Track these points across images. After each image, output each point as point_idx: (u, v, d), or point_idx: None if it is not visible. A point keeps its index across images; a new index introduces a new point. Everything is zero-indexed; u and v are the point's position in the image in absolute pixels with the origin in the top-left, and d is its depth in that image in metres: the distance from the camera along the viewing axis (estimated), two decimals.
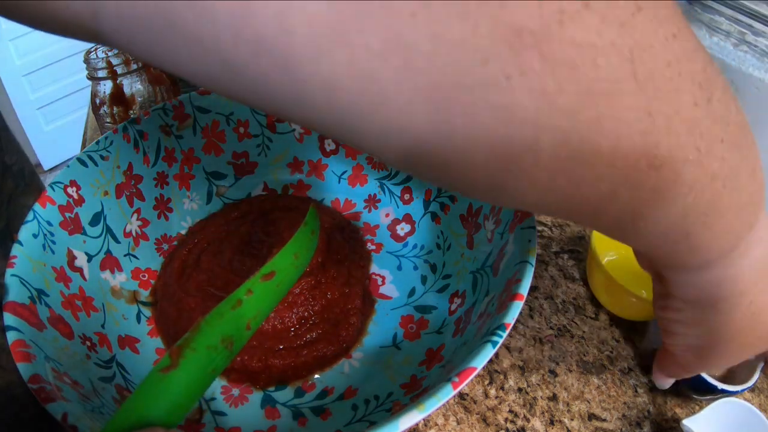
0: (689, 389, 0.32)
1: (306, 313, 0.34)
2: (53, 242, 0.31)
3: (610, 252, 0.39)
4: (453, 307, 0.34)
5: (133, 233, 0.38)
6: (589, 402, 0.33)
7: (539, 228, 0.45)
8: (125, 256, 0.37)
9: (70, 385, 0.24)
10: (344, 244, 0.38)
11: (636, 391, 0.33)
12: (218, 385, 0.32)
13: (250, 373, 0.31)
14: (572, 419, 0.32)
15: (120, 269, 0.37)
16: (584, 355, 0.35)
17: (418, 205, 0.42)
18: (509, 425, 0.31)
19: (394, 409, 0.29)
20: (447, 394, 0.21)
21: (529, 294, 0.34)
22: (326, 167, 0.46)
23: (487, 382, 0.33)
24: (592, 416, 0.32)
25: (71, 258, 0.32)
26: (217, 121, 0.43)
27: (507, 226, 0.31)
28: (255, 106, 0.16)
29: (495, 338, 0.23)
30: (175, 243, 0.41)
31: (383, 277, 0.39)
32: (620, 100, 0.14)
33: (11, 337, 0.24)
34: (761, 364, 0.30)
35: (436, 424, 0.31)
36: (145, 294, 0.37)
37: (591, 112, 0.14)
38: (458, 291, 0.35)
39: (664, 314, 0.25)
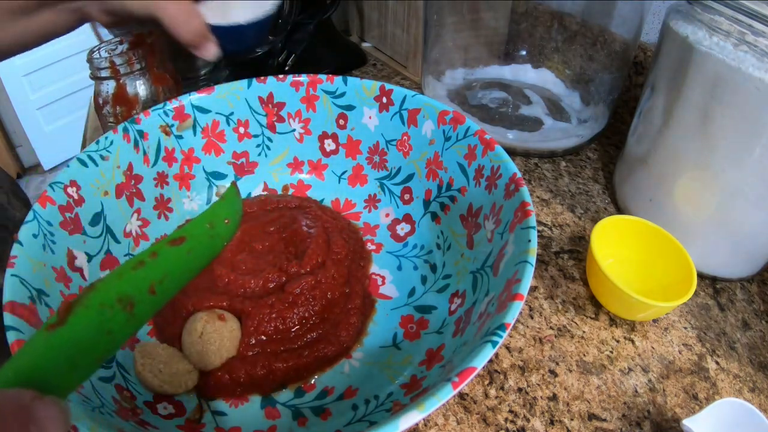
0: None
1: (306, 314, 0.34)
2: (53, 242, 0.31)
3: (608, 253, 0.39)
4: (453, 307, 0.34)
5: (133, 233, 0.38)
6: (589, 402, 0.33)
7: (539, 228, 0.45)
8: (125, 256, 0.37)
9: None
10: (344, 244, 0.38)
11: (636, 391, 0.33)
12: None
13: (256, 381, 0.31)
14: (572, 419, 0.32)
15: None
16: (584, 355, 0.35)
17: (418, 205, 0.42)
18: (509, 425, 0.31)
19: (394, 409, 0.29)
20: (447, 394, 0.21)
21: (529, 294, 0.34)
22: (326, 167, 0.46)
23: (487, 382, 0.33)
24: (592, 416, 0.32)
25: (71, 258, 0.32)
26: (217, 121, 0.43)
27: (507, 226, 0.31)
28: None
29: (495, 338, 0.23)
30: None
31: (383, 277, 0.39)
32: None
33: (11, 337, 0.24)
34: None
35: (436, 424, 0.31)
36: None
37: None
38: (458, 291, 0.35)
39: None
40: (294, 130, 0.45)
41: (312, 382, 0.32)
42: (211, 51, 0.38)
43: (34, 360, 0.18)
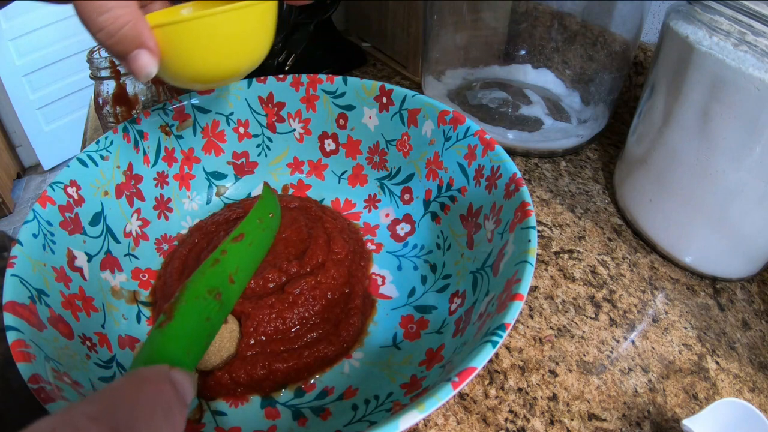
0: None
1: (306, 314, 0.34)
2: (53, 242, 0.31)
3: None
4: (453, 307, 0.34)
5: (133, 233, 0.38)
6: (589, 402, 0.33)
7: (539, 228, 0.45)
8: (125, 256, 0.37)
9: (70, 385, 0.24)
10: (344, 244, 0.38)
11: (636, 391, 0.33)
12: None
13: (256, 382, 0.31)
14: (572, 419, 0.32)
15: (120, 269, 0.37)
16: (584, 355, 0.35)
17: (418, 205, 0.42)
18: (509, 425, 0.31)
19: (394, 409, 0.29)
20: (447, 394, 0.21)
21: (529, 294, 0.34)
22: (326, 167, 0.46)
23: (487, 382, 0.33)
24: (592, 416, 0.32)
25: (71, 258, 0.32)
26: (217, 121, 0.43)
27: (507, 226, 0.31)
28: None
29: (495, 338, 0.23)
30: (175, 243, 0.41)
31: (383, 277, 0.39)
32: None
33: (11, 337, 0.24)
34: None
35: (436, 424, 0.31)
36: (145, 294, 0.37)
37: None
38: (458, 291, 0.35)
39: None
40: (294, 130, 0.45)
41: (312, 382, 0.32)
42: (140, 62, 0.25)
43: (156, 352, 0.23)
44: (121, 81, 0.44)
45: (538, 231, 0.44)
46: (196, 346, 0.25)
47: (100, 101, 0.45)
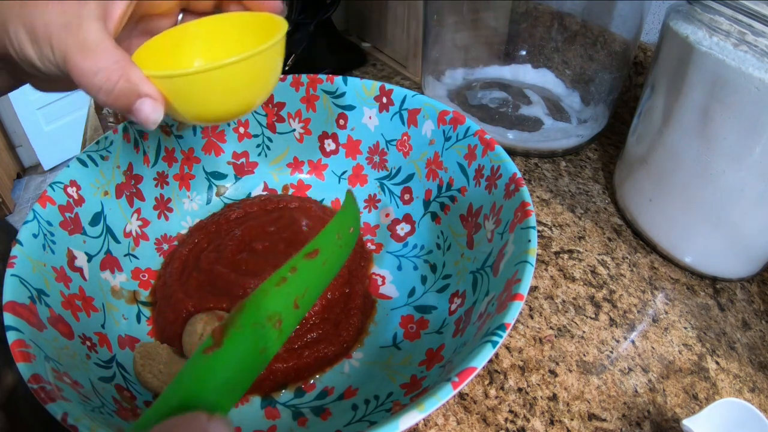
0: None
1: (306, 314, 0.34)
2: (53, 242, 0.31)
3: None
4: (453, 307, 0.34)
5: (133, 233, 0.38)
6: (589, 402, 0.33)
7: (539, 228, 0.45)
8: (125, 256, 0.37)
9: (70, 385, 0.24)
10: None
11: (636, 391, 0.33)
12: None
13: (256, 382, 0.31)
14: (572, 419, 0.32)
15: (120, 269, 0.36)
16: (584, 355, 0.35)
17: (418, 205, 0.42)
18: (509, 425, 0.31)
19: (394, 409, 0.29)
20: (447, 394, 0.21)
21: (529, 294, 0.34)
22: (326, 167, 0.46)
23: (487, 382, 0.33)
24: (592, 416, 0.32)
25: (71, 258, 0.32)
26: None
27: (507, 226, 0.31)
28: None
29: (495, 338, 0.23)
30: (175, 243, 0.41)
31: (383, 277, 0.39)
32: None
33: (11, 337, 0.24)
34: None
35: (436, 424, 0.31)
36: (145, 294, 0.37)
37: None
38: (458, 291, 0.35)
39: None
40: (294, 130, 0.45)
41: (312, 382, 0.32)
42: (143, 113, 0.25)
43: (197, 383, 0.19)
44: None
45: (538, 231, 0.44)
46: (243, 382, 0.21)
47: None
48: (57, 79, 0.26)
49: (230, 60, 0.25)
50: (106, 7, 0.24)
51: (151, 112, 0.25)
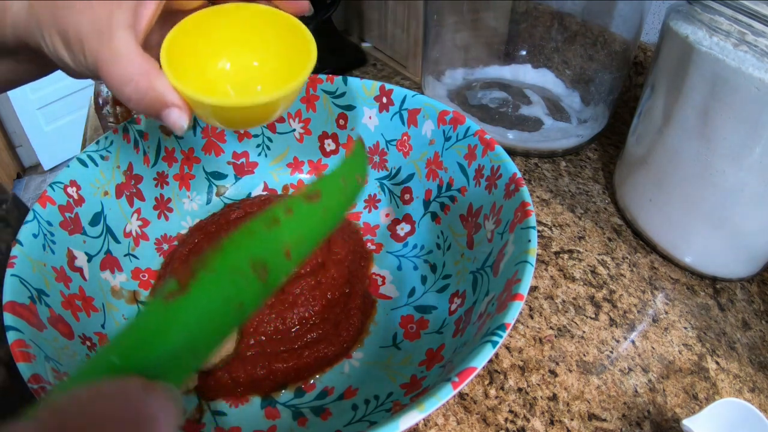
0: None
1: (306, 314, 0.34)
2: (53, 242, 0.31)
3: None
4: (453, 307, 0.34)
5: (133, 233, 0.38)
6: (589, 402, 0.33)
7: (539, 228, 0.45)
8: (125, 256, 0.37)
9: None
10: (344, 244, 0.38)
11: (636, 391, 0.33)
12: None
13: (256, 382, 0.31)
14: (572, 419, 0.32)
15: (120, 269, 0.37)
16: (584, 355, 0.35)
17: (418, 205, 0.42)
18: (509, 425, 0.31)
19: (394, 409, 0.29)
20: (447, 394, 0.21)
21: (529, 294, 0.34)
22: (326, 167, 0.46)
23: (487, 382, 0.33)
24: (592, 416, 0.32)
25: (71, 258, 0.32)
26: None
27: (507, 226, 0.31)
28: None
29: (495, 338, 0.23)
30: (175, 243, 0.41)
31: (383, 277, 0.39)
32: None
33: (11, 337, 0.24)
34: None
35: (436, 424, 0.31)
36: (145, 294, 0.37)
37: None
38: (458, 291, 0.35)
39: None
40: (294, 130, 0.45)
41: (312, 382, 0.32)
42: (170, 121, 0.26)
43: (145, 338, 0.15)
44: None
45: (538, 231, 0.44)
46: (208, 344, 0.16)
47: (100, 101, 0.45)
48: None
49: (260, 100, 0.26)
50: (137, 12, 0.25)
51: (177, 120, 0.26)
